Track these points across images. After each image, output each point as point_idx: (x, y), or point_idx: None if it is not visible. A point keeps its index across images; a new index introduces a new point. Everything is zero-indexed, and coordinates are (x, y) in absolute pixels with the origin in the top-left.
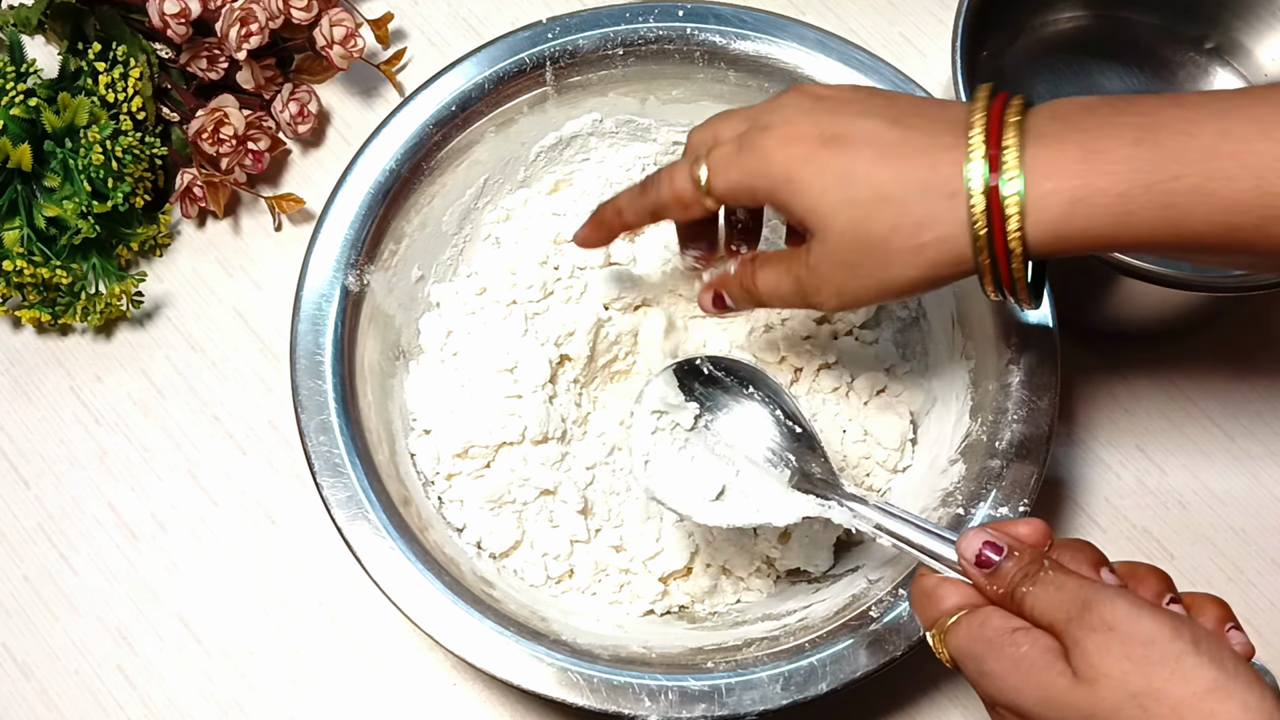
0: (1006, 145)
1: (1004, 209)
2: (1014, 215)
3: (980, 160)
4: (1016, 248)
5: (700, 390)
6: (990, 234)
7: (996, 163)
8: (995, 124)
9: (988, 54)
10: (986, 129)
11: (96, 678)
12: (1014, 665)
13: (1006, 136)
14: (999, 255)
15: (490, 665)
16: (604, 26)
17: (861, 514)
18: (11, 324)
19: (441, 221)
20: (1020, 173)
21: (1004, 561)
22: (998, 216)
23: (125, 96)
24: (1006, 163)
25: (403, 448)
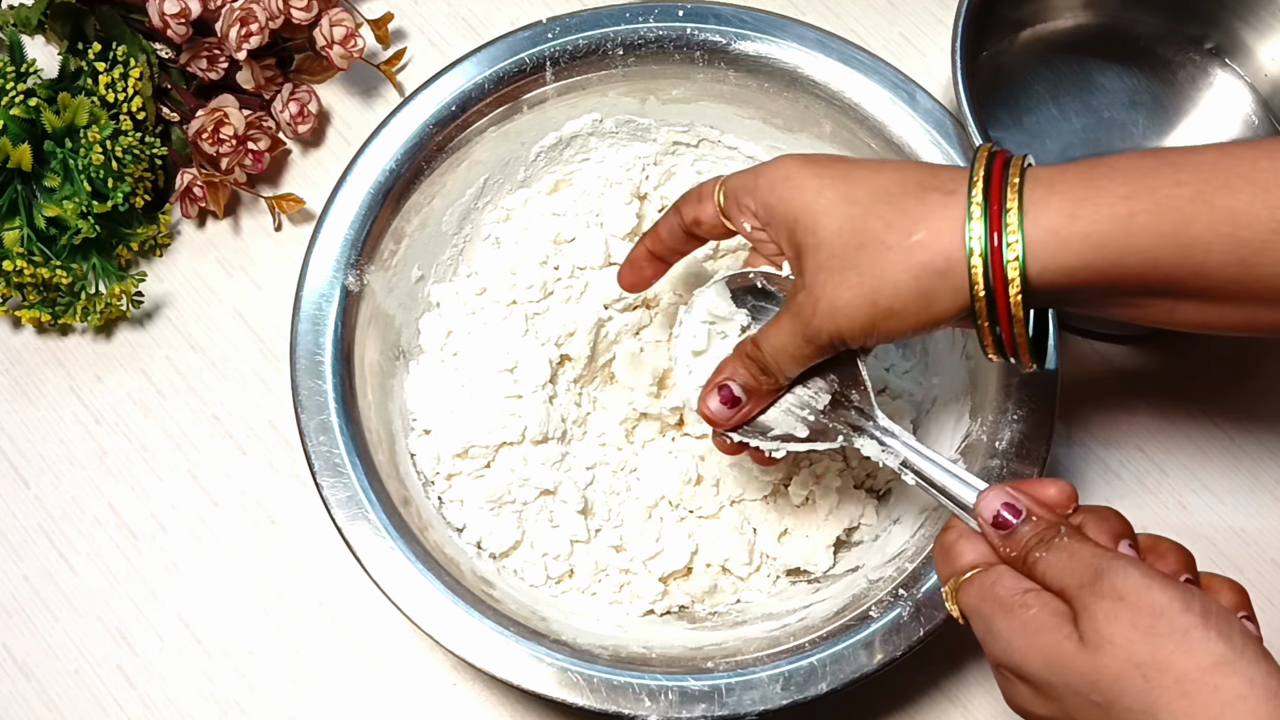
0: (1009, 207)
1: (1005, 271)
2: (1015, 278)
3: (980, 221)
4: (1018, 310)
5: (752, 301)
6: (990, 296)
7: (998, 222)
8: (996, 184)
9: (988, 54)
10: (986, 189)
11: (96, 678)
12: (1021, 626)
13: (1009, 199)
14: (1000, 316)
15: (490, 665)
16: (604, 26)
17: (891, 447)
18: (11, 324)
19: (441, 221)
20: (1020, 235)
21: (1020, 525)
22: (999, 278)
23: (125, 96)
24: (1009, 224)
25: (403, 448)
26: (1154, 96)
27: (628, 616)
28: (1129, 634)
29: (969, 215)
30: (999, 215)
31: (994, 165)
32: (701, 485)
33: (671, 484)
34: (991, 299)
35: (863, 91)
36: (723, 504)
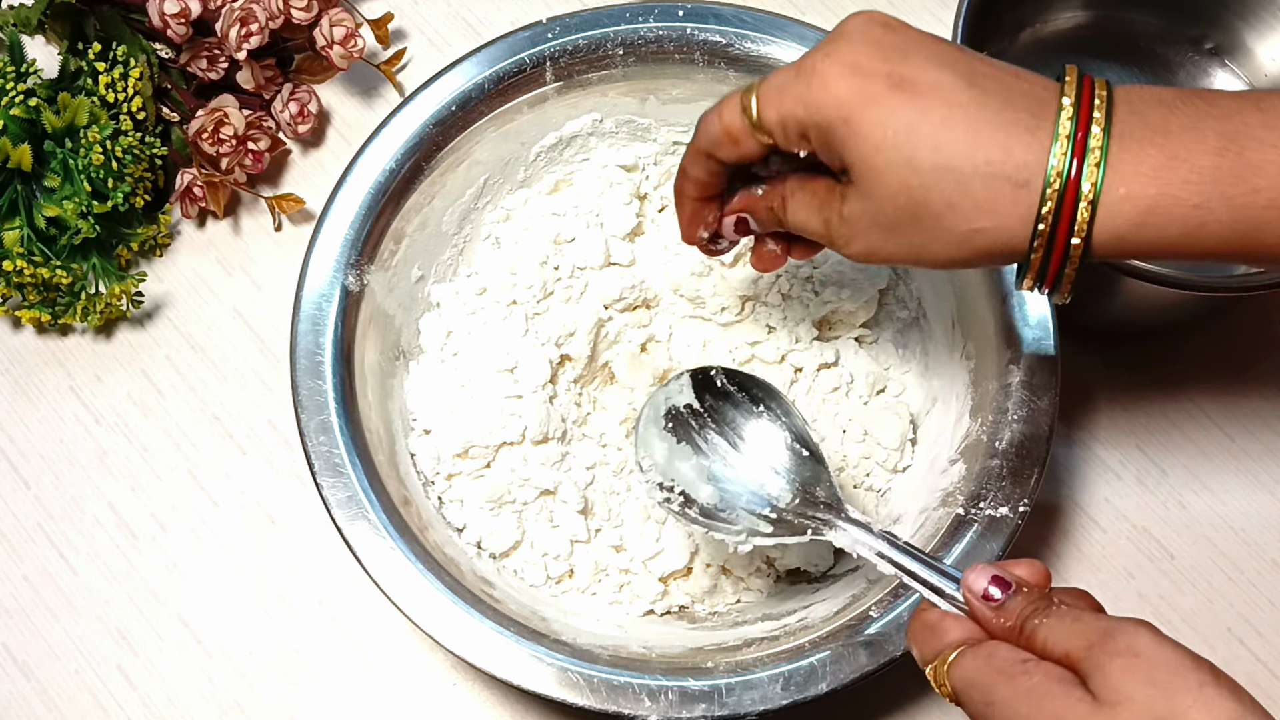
0: (1094, 137)
1: (1077, 204)
2: (1085, 214)
3: (1064, 149)
4: (1077, 250)
5: (710, 402)
6: (1053, 230)
7: (1082, 150)
8: (1085, 111)
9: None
10: (1076, 115)
11: (96, 678)
12: (1026, 694)
13: (1094, 129)
14: (1056, 251)
15: (490, 665)
16: (604, 26)
17: (863, 541)
18: (11, 324)
19: (441, 221)
20: (1102, 168)
21: (1012, 597)
22: (1068, 211)
23: (125, 96)
24: (1091, 155)
25: (403, 448)
26: None
27: (628, 616)
28: (1147, 690)
29: (1055, 140)
30: (1083, 144)
31: (1083, 92)
32: None
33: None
34: (1054, 233)
35: None
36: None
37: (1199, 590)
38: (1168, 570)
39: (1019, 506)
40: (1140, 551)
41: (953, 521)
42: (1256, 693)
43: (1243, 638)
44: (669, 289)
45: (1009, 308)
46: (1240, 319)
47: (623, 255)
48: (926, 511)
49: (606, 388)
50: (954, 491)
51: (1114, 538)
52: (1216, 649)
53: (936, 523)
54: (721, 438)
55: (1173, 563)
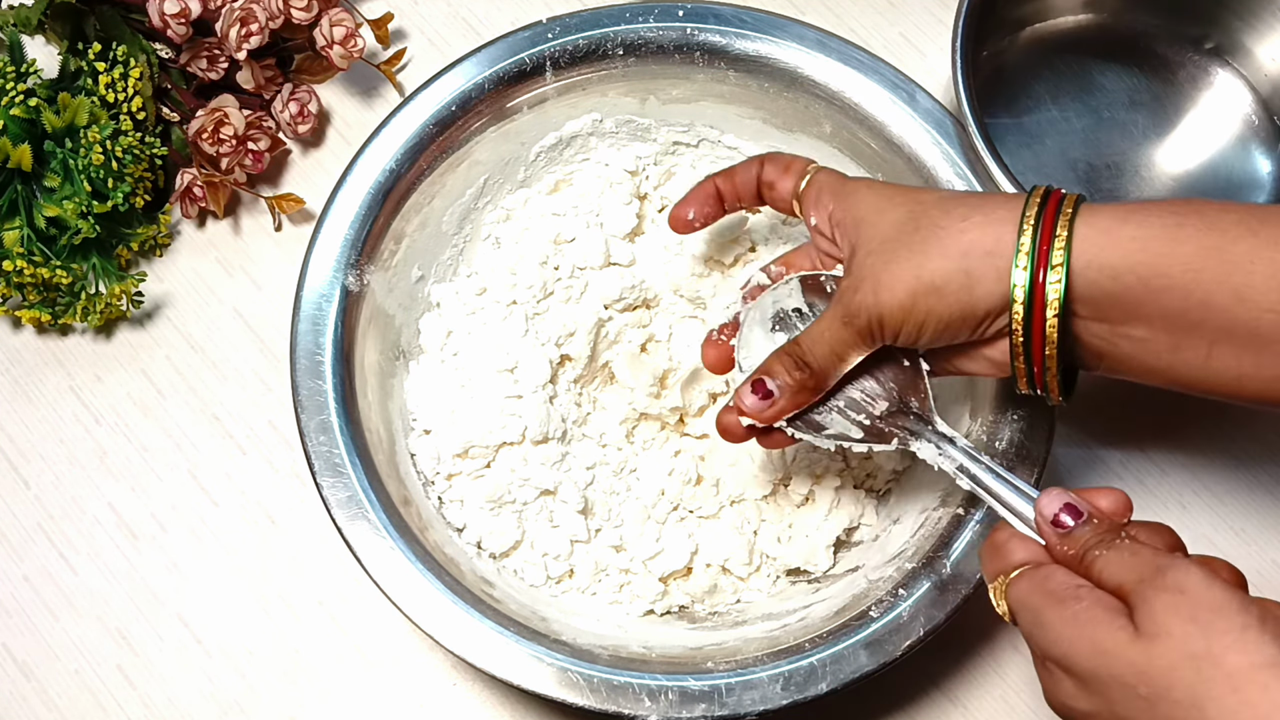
0: (1065, 211)
1: (1046, 298)
2: (1055, 298)
3: (1031, 224)
4: (1052, 332)
5: (819, 308)
6: (1029, 307)
7: (1050, 226)
8: (1054, 202)
9: (988, 54)
10: (1045, 199)
11: (96, 678)
12: (1073, 617)
13: (1065, 206)
14: (1035, 338)
15: (490, 665)
16: (604, 26)
17: (948, 453)
18: (11, 324)
19: (441, 221)
20: (1069, 234)
21: (1081, 526)
22: (1039, 308)
23: (125, 96)
24: (1054, 271)
25: (403, 448)
26: (1154, 96)
27: (628, 616)
28: (1186, 626)
29: (1023, 213)
30: (1052, 218)
31: (1051, 193)
32: (701, 485)
33: (671, 484)
34: (1029, 311)
35: (863, 91)
36: (723, 504)
37: None
38: None
39: None
40: None
41: (952, 521)
42: None
43: None
44: (669, 289)
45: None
46: None
47: (623, 255)
48: (926, 511)
49: (606, 388)
50: (954, 491)
51: None
52: None
53: (936, 522)
54: None
55: None
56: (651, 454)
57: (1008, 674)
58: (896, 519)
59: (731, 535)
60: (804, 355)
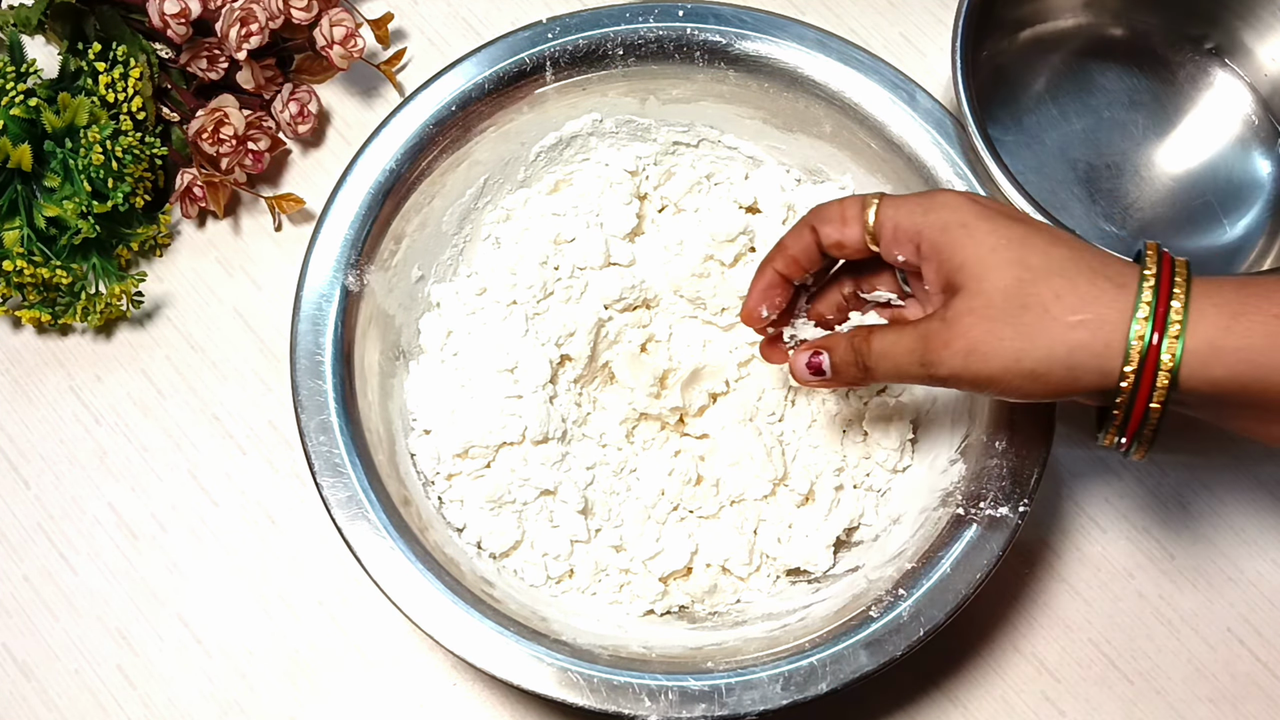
0: (1174, 311)
1: (1157, 370)
2: (1164, 383)
3: (1146, 322)
4: (1156, 413)
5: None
6: (1134, 391)
7: (1162, 323)
8: (1165, 286)
9: (988, 54)
10: (1156, 290)
11: (96, 678)
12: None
13: (1174, 304)
14: (1136, 411)
15: (490, 665)
16: (604, 26)
17: None
18: (11, 324)
19: (441, 221)
20: (1181, 342)
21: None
22: (1148, 376)
23: (125, 96)
24: (1170, 330)
25: (403, 448)
26: (1154, 96)
27: (628, 616)
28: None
29: (1136, 312)
30: (1164, 317)
31: (1163, 266)
32: (701, 485)
33: (671, 484)
34: (1134, 394)
35: (863, 91)
36: (722, 504)
37: (1199, 590)
38: (1168, 570)
39: (1019, 506)
40: (1140, 551)
41: (952, 521)
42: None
43: (1243, 638)
44: (669, 289)
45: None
46: None
47: (623, 255)
48: (926, 511)
49: (606, 388)
50: (954, 491)
51: (1114, 538)
52: (1216, 649)
53: (936, 522)
54: None
55: (1173, 563)
56: (651, 454)
57: (1007, 674)
58: (896, 519)
59: (731, 535)
60: (868, 360)
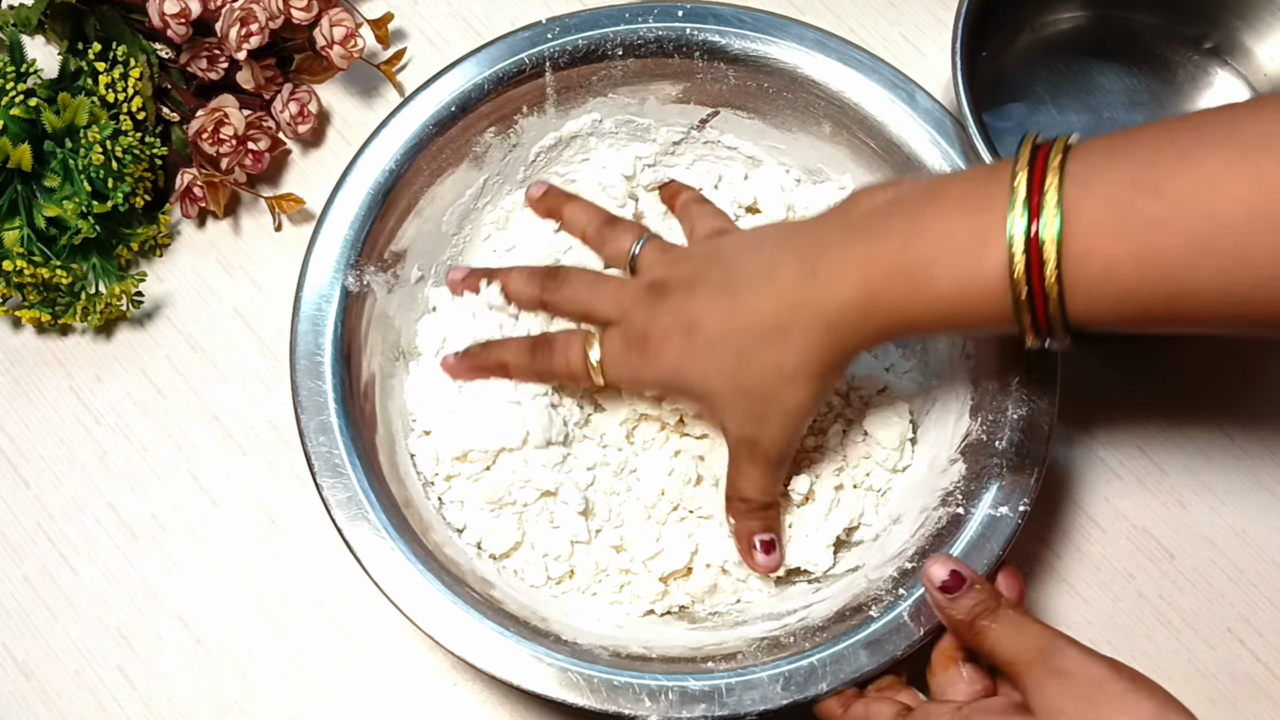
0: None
1: (1041, 254)
2: (1050, 259)
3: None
4: (1054, 290)
5: None
6: (1029, 281)
7: (1037, 212)
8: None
9: (988, 54)
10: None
11: (96, 678)
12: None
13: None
14: (1038, 304)
15: (490, 665)
16: (604, 26)
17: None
18: (11, 324)
19: (441, 222)
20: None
21: (967, 591)
22: (1035, 262)
23: (125, 96)
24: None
25: (403, 448)
26: (1154, 96)
27: (628, 616)
28: (1079, 705)
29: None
30: (1038, 206)
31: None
32: (701, 485)
33: (671, 484)
34: (1028, 278)
35: (862, 91)
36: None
37: (1199, 590)
38: (1168, 570)
39: (1019, 506)
40: (1140, 551)
41: (953, 521)
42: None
43: (1243, 638)
44: None
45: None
46: None
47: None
48: (926, 511)
49: (607, 389)
50: (954, 491)
51: (1114, 538)
52: (1216, 649)
53: (937, 522)
54: None
55: (1173, 563)
56: (651, 454)
57: None
58: (896, 519)
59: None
60: (764, 501)
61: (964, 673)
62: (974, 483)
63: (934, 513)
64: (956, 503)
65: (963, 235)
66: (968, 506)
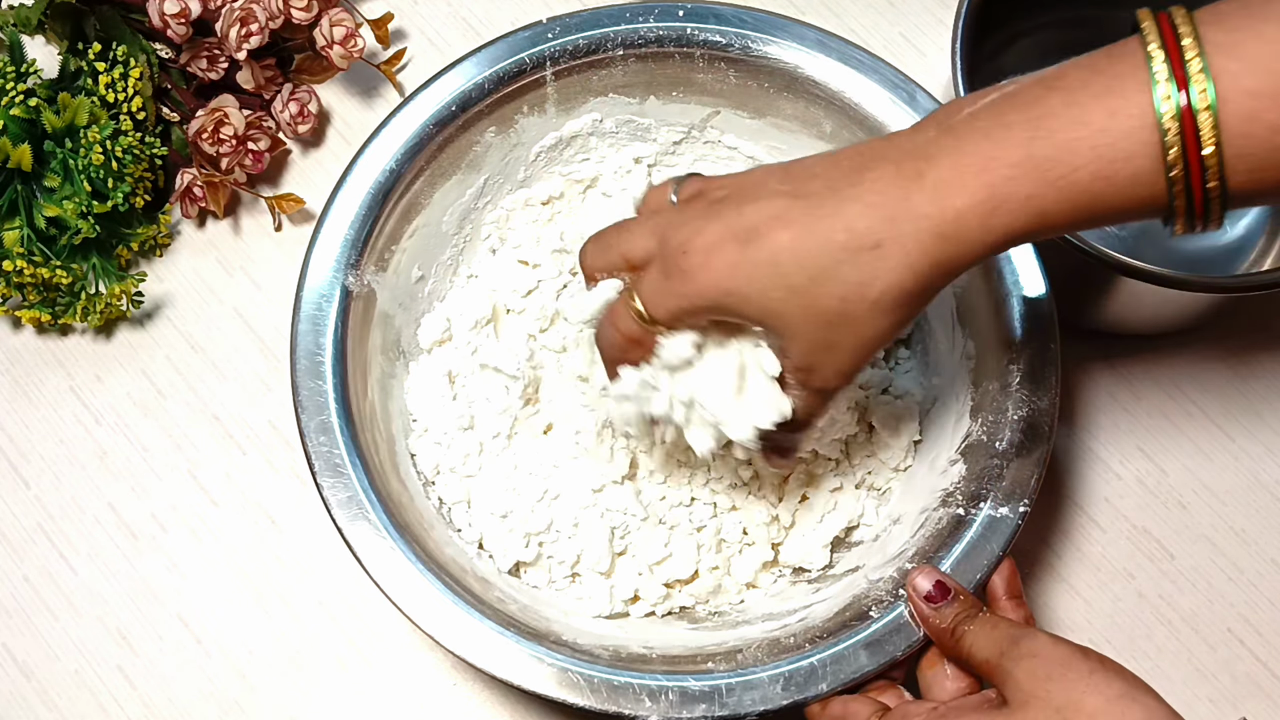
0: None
1: (1198, 128)
2: (1208, 131)
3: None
4: (1213, 164)
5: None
6: (1185, 159)
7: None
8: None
9: (988, 54)
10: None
11: (96, 678)
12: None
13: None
14: (1194, 181)
15: (490, 665)
16: (604, 26)
17: None
18: (11, 324)
19: (441, 221)
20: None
21: (949, 603)
22: (1191, 136)
23: (125, 96)
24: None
25: (403, 448)
26: None
27: (629, 617)
28: (1047, 685)
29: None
30: (1184, 78)
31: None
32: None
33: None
34: (1185, 160)
35: (863, 91)
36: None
37: (1199, 590)
38: (1168, 570)
39: (1019, 506)
40: (1140, 551)
41: (953, 521)
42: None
43: (1243, 638)
44: None
45: (1009, 308)
46: (1240, 319)
47: None
48: (927, 511)
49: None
50: (954, 491)
51: (1114, 538)
52: (1216, 649)
53: (937, 523)
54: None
55: (1173, 563)
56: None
57: None
58: (896, 519)
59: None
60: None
61: (948, 670)
62: (974, 483)
63: (934, 513)
64: (957, 503)
65: (1100, 119)
66: (968, 507)
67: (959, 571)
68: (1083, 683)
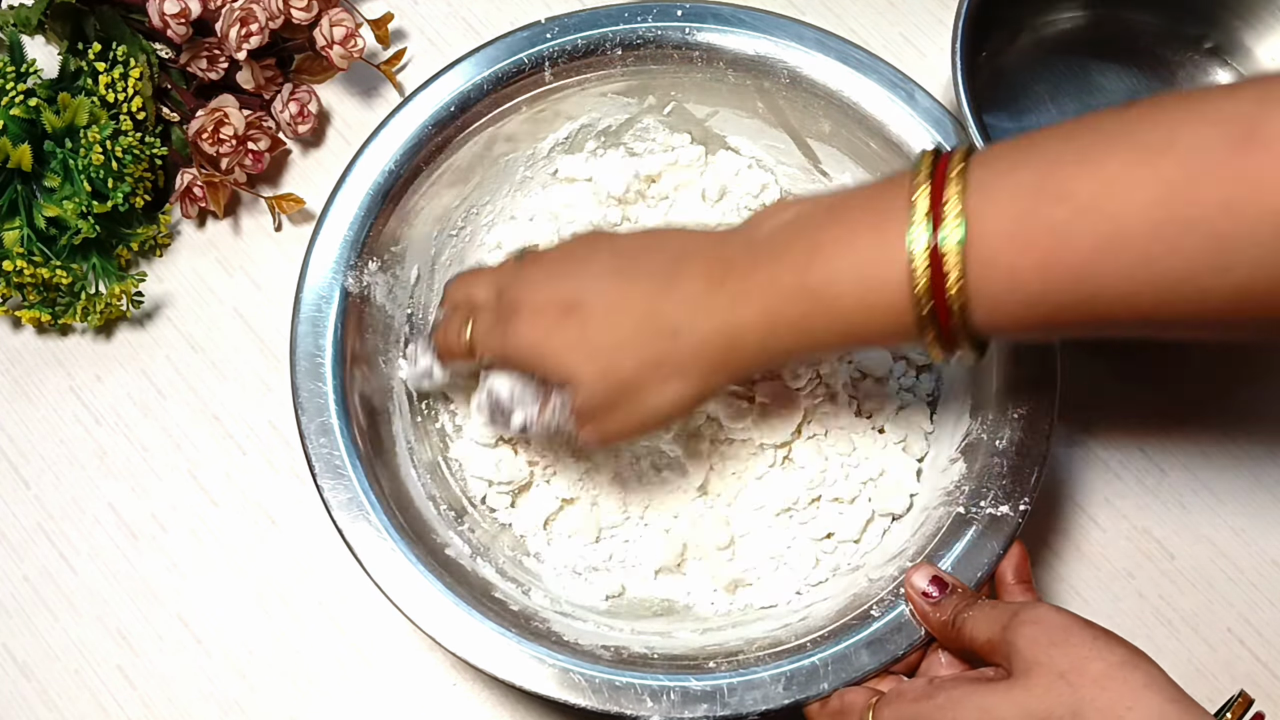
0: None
1: (943, 265)
2: (953, 270)
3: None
4: (957, 302)
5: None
6: (933, 294)
7: (938, 219)
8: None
9: (988, 54)
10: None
11: (96, 678)
12: (950, 701)
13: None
14: (941, 310)
15: (490, 665)
16: (603, 26)
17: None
18: (11, 324)
19: (441, 221)
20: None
21: (947, 595)
22: (938, 272)
23: (125, 96)
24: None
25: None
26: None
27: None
28: (1049, 651)
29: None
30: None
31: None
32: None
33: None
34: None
35: (862, 91)
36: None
37: (1199, 590)
38: (1168, 570)
39: (1019, 505)
40: (1140, 551)
41: (953, 520)
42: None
43: (1243, 638)
44: None
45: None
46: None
47: None
48: (927, 510)
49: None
50: (954, 491)
51: (1114, 538)
52: (1216, 649)
53: (937, 521)
54: None
55: (1173, 563)
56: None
57: None
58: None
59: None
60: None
61: (942, 658)
62: (974, 482)
63: (934, 511)
64: (957, 501)
65: (865, 250)
66: (968, 505)
67: (959, 570)
68: (1086, 648)
